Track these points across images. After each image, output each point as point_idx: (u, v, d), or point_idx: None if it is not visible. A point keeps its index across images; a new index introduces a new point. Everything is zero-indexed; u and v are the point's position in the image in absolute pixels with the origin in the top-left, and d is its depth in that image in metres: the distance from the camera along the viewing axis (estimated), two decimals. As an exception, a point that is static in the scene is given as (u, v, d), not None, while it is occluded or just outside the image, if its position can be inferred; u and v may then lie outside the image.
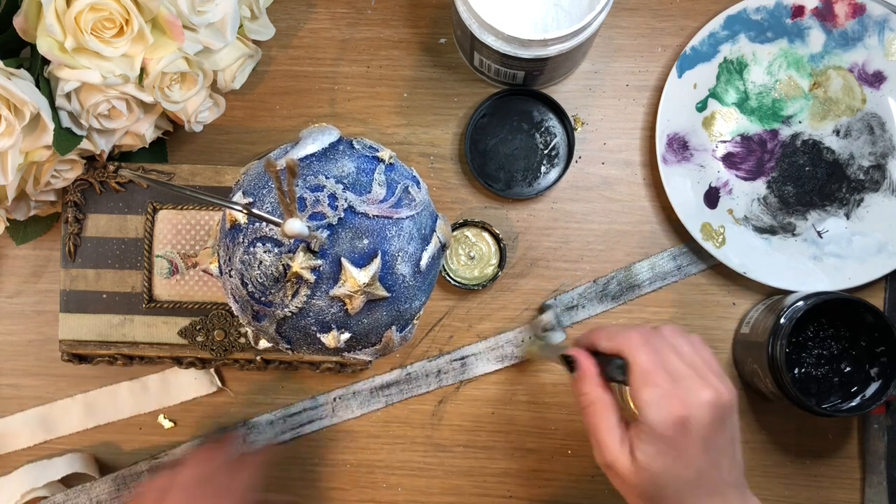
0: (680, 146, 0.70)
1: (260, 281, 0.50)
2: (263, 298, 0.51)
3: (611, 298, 0.71)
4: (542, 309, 0.70)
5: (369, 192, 0.51)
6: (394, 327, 0.53)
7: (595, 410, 0.53)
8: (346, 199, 0.50)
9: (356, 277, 0.49)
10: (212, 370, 0.71)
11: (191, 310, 0.67)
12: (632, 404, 0.66)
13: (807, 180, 0.70)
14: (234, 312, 0.55)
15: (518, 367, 0.71)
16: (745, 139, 0.70)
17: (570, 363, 0.56)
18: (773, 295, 0.70)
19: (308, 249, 0.49)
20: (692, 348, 0.52)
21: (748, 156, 0.70)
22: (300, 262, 0.48)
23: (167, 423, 0.72)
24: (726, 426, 0.51)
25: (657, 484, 0.50)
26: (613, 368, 0.53)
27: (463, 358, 0.71)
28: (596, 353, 0.54)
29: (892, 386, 0.63)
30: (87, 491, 0.69)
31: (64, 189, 0.67)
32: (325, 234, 0.49)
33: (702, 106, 0.70)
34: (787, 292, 0.68)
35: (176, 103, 0.62)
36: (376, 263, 0.50)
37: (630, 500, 0.53)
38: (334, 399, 0.71)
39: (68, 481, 0.71)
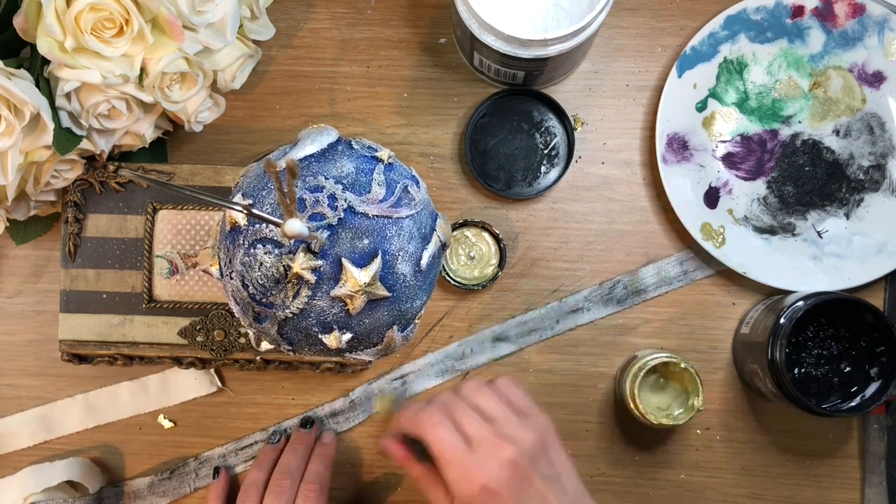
0: (680, 146, 0.70)
1: (261, 282, 0.50)
2: (264, 300, 0.51)
3: (616, 302, 0.71)
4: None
5: (369, 192, 0.51)
6: (395, 327, 0.53)
7: (423, 486, 0.55)
8: (345, 200, 0.50)
9: (357, 277, 0.49)
10: (212, 370, 0.71)
11: (191, 310, 0.67)
12: (635, 404, 0.66)
13: (807, 180, 0.70)
14: (236, 314, 0.55)
15: (512, 370, 0.71)
16: (745, 139, 0.70)
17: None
18: (773, 295, 0.70)
19: (308, 250, 0.49)
20: (493, 401, 0.54)
21: (748, 156, 0.70)
22: (301, 263, 0.48)
23: (167, 423, 0.72)
24: (538, 469, 0.51)
25: None
26: (419, 452, 0.55)
27: (403, 377, 0.71)
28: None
29: (891, 386, 0.63)
30: None
31: (64, 189, 0.67)
32: (326, 234, 0.49)
33: (702, 106, 0.70)
34: (787, 292, 0.68)
35: (176, 103, 0.62)
36: (377, 263, 0.50)
37: None
38: (286, 430, 0.71)
39: (70, 482, 0.71)
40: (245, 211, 0.45)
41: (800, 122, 0.70)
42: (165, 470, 0.72)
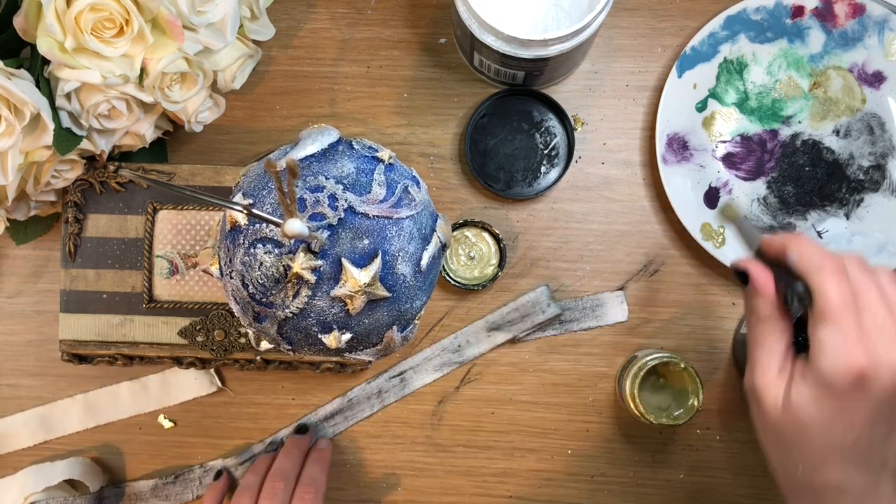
0: (680, 146, 0.70)
1: (261, 282, 0.50)
2: (264, 299, 0.51)
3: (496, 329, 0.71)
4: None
5: (369, 193, 0.51)
6: (395, 327, 0.53)
7: (764, 329, 0.46)
8: (346, 200, 0.50)
9: (357, 278, 0.49)
10: (212, 370, 0.71)
11: (191, 310, 0.67)
12: (635, 404, 0.66)
13: (807, 180, 0.70)
14: (236, 314, 0.55)
15: (515, 367, 0.71)
16: (745, 139, 0.70)
17: (740, 275, 0.48)
18: (773, 295, 0.70)
19: (308, 250, 0.49)
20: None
21: (748, 156, 0.70)
22: (301, 263, 0.49)
23: (167, 424, 0.72)
24: None
25: (801, 434, 0.43)
26: (791, 294, 0.45)
27: (401, 374, 0.71)
28: (779, 267, 0.46)
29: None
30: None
31: (64, 189, 0.67)
32: (326, 234, 0.49)
33: (702, 106, 0.70)
34: (787, 292, 0.68)
35: (176, 103, 0.62)
36: (377, 263, 0.50)
37: (764, 438, 0.46)
38: (282, 440, 0.71)
39: (71, 483, 0.71)
40: (245, 211, 0.45)
41: (800, 123, 0.70)
42: (170, 474, 0.72)
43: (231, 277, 0.52)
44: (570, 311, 0.71)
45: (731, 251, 0.69)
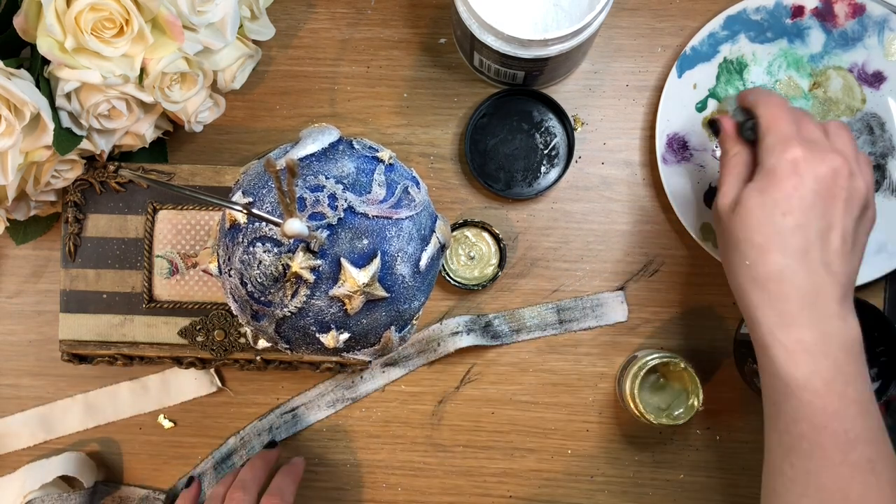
0: (680, 146, 0.70)
1: (259, 281, 0.50)
2: (263, 298, 0.51)
3: (491, 336, 0.70)
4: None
5: (369, 193, 0.51)
6: (393, 327, 0.53)
7: (731, 161, 0.53)
8: (345, 200, 0.50)
9: (356, 277, 0.49)
10: (212, 370, 0.71)
11: (191, 310, 0.67)
12: (635, 404, 0.66)
13: (807, 180, 0.70)
14: (234, 312, 0.55)
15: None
16: (745, 139, 0.70)
17: (714, 127, 0.58)
18: (773, 295, 0.70)
19: (308, 249, 0.49)
20: (841, 128, 0.52)
21: (748, 156, 0.70)
22: (300, 262, 0.49)
23: (167, 423, 0.72)
24: (848, 207, 0.48)
25: (748, 226, 0.48)
26: (745, 128, 0.54)
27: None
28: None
29: (891, 386, 0.63)
30: (64, 501, 0.69)
31: (64, 189, 0.67)
32: (325, 234, 0.49)
33: (702, 106, 0.70)
34: (787, 292, 0.68)
35: (176, 103, 0.62)
36: (376, 264, 0.50)
37: (721, 246, 0.52)
38: (258, 434, 0.71)
39: (71, 479, 0.71)
40: (245, 210, 0.45)
41: (800, 122, 0.70)
42: (162, 492, 0.72)
43: (230, 276, 0.52)
44: (570, 311, 0.71)
45: (731, 251, 0.69)
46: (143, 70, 0.59)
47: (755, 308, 0.50)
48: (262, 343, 0.62)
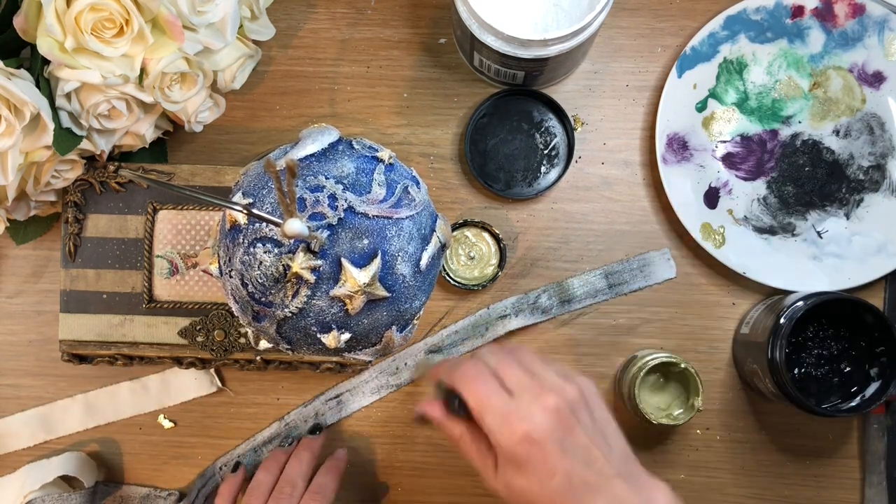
0: (680, 146, 0.70)
1: (260, 281, 0.50)
2: (263, 299, 0.51)
3: (541, 312, 0.70)
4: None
5: (369, 193, 0.51)
6: (394, 327, 0.53)
7: (463, 447, 0.53)
8: (345, 200, 0.50)
9: (356, 277, 0.49)
10: (212, 370, 0.71)
11: (191, 310, 0.67)
12: (635, 404, 0.66)
13: (807, 180, 0.70)
14: (235, 313, 0.55)
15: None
16: (745, 139, 0.70)
17: (421, 419, 0.56)
18: (773, 295, 0.70)
19: (308, 250, 0.49)
20: (535, 357, 0.52)
21: (748, 156, 0.70)
22: (300, 263, 0.49)
23: (167, 424, 0.72)
24: (581, 420, 0.50)
25: (531, 501, 0.49)
26: (456, 407, 0.53)
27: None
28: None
29: (891, 386, 0.63)
30: (65, 501, 0.69)
31: (64, 189, 0.67)
32: (325, 234, 0.49)
33: (702, 106, 0.70)
34: (787, 292, 0.68)
35: (176, 103, 0.62)
36: (376, 263, 0.50)
37: None
38: (299, 435, 0.71)
39: (67, 479, 0.71)
40: (245, 210, 0.45)
41: (800, 123, 0.70)
42: (163, 490, 0.71)
43: (230, 276, 0.52)
44: (618, 274, 0.70)
45: (731, 251, 0.69)
46: (143, 70, 0.59)
47: None
48: (264, 344, 0.62)
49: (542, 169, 0.71)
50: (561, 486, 0.48)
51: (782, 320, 0.63)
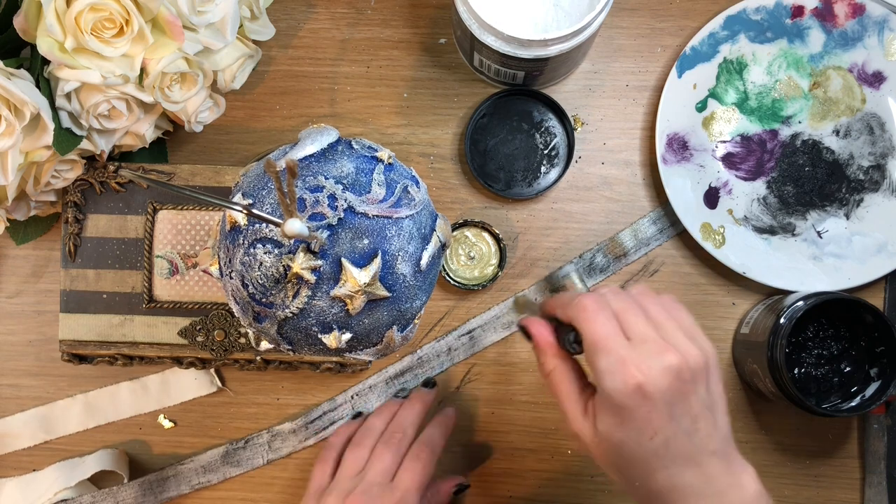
0: (680, 146, 0.70)
1: (260, 282, 0.50)
2: (264, 299, 0.51)
3: (599, 271, 0.71)
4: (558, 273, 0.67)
5: (369, 192, 0.51)
6: (395, 327, 0.53)
7: (554, 380, 0.51)
8: (345, 200, 0.50)
9: (357, 277, 0.49)
10: (212, 370, 0.71)
11: (191, 310, 0.67)
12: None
13: (807, 180, 0.70)
14: (235, 314, 0.55)
15: (518, 365, 0.71)
16: (745, 139, 0.70)
17: (525, 332, 0.53)
18: (773, 295, 0.70)
19: (308, 250, 0.49)
20: (662, 308, 0.50)
21: (748, 156, 0.70)
22: (300, 263, 0.49)
23: (167, 424, 0.72)
24: (698, 390, 0.47)
25: (621, 455, 0.48)
26: (567, 341, 0.51)
27: (470, 332, 0.71)
28: (560, 323, 0.52)
29: (892, 386, 0.63)
30: (115, 494, 0.69)
31: (64, 189, 0.67)
32: (325, 234, 0.49)
33: (701, 106, 0.70)
34: (787, 292, 0.68)
35: (176, 103, 0.62)
36: (376, 263, 0.50)
37: (603, 468, 0.51)
38: (352, 397, 0.71)
39: (97, 479, 0.71)
40: (245, 211, 0.45)
41: (800, 123, 0.70)
42: (240, 439, 0.71)
43: (231, 277, 0.52)
44: (663, 219, 0.70)
45: (731, 251, 0.69)
46: (143, 70, 0.59)
47: None
48: (265, 345, 0.62)
49: (542, 169, 0.71)
50: (658, 448, 0.47)
51: (782, 320, 0.63)
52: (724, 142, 0.70)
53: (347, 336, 0.52)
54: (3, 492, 0.70)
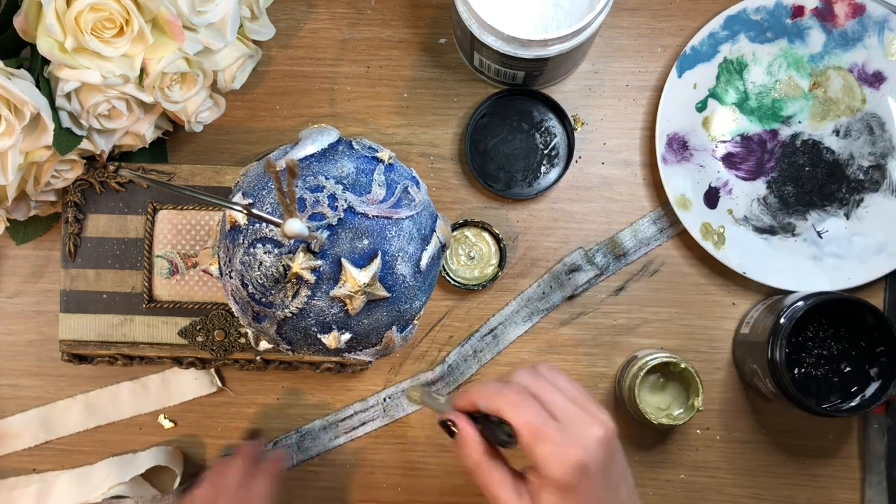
0: (680, 146, 0.70)
1: (260, 282, 0.50)
2: (264, 299, 0.51)
3: (598, 269, 0.71)
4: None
5: (369, 193, 0.51)
6: (394, 327, 0.53)
7: (483, 471, 0.52)
8: (345, 200, 0.50)
9: (356, 278, 0.49)
10: (212, 370, 0.71)
11: (191, 310, 0.67)
12: (635, 404, 0.66)
13: (807, 180, 0.70)
14: (235, 313, 0.55)
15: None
16: (745, 139, 0.70)
17: (447, 428, 0.53)
18: (773, 295, 0.70)
19: (308, 250, 0.49)
20: (566, 381, 0.52)
21: (748, 156, 0.70)
22: (300, 263, 0.49)
23: (167, 424, 0.72)
24: (616, 455, 0.51)
25: None
26: (500, 434, 0.51)
27: (492, 330, 0.71)
28: (476, 413, 0.53)
29: (891, 386, 0.63)
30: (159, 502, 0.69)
31: (64, 189, 0.67)
32: (325, 234, 0.49)
33: (702, 106, 0.70)
34: (787, 292, 0.68)
35: (176, 103, 0.62)
36: (376, 264, 0.50)
37: None
38: (384, 399, 0.71)
39: (150, 476, 0.71)
40: (245, 211, 0.45)
41: (800, 123, 0.70)
42: (269, 441, 0.72)
43: (230, 277, 0.52)
44: (662, 219, 0.71)
45: (732, 251, 0.69)
46: (143, 70, 0.59)
47: None
48: (264, 344, 0.62)
49: (542, 169, 0.71)
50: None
51: (782, 320, 0.63)
52: (724, 142, 0.70)
53: (347, 336, 0.52)
54: (57, 484, 0.70)
